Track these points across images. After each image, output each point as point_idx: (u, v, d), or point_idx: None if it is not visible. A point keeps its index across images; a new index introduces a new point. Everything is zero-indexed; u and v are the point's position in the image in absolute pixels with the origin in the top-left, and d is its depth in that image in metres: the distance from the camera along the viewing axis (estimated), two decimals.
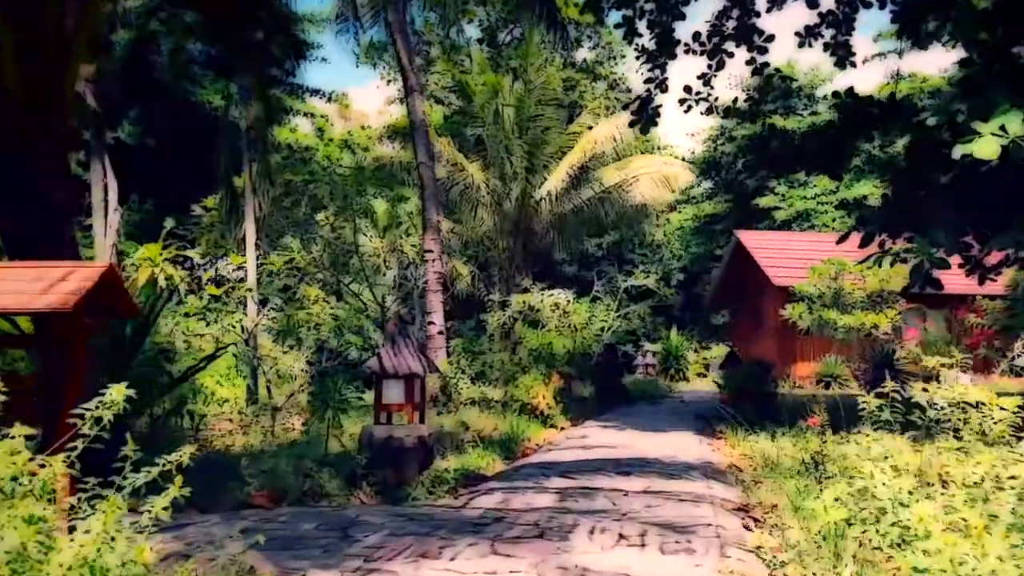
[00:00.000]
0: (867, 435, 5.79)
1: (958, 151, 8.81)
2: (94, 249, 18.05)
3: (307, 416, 14.23)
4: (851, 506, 5.03)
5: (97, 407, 4.65)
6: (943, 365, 7.46)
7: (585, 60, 46.59)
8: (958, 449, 5.54)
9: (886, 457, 5.29)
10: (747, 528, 8.09)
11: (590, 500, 9.50)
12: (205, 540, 6.89)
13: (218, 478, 10.40)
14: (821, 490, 8.51)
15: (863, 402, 6.64)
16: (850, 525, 5.02)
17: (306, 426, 13.83)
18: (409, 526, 7.77)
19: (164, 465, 4.62)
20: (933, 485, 5.22)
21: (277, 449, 11.92)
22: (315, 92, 43.01)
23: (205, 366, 14.29)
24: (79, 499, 4.50)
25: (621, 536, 7.37)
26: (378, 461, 10.58)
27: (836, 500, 5.29)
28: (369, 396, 13.69)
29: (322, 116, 45.02)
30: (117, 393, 4.67)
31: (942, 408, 5.97)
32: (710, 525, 7.94)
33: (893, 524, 4.41)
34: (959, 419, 5.82)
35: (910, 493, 4.50)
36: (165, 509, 4.41)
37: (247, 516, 8.33)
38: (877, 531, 4.57)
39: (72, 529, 4.43)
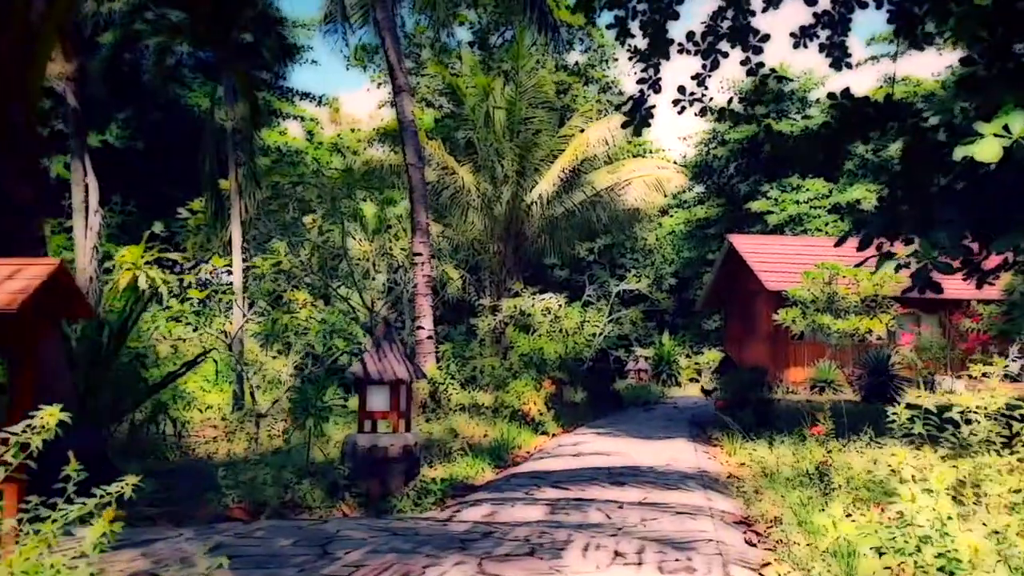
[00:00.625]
0: (894, 450, 5.29)
1: (959, 152, 8.54)
2: (74, 251, 17.64)
3: (287, 424, 13.83)
4: (879, 531, 4.55)
5: (24, 431, 4.22)
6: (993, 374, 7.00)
7: (577, 63, 46.40)
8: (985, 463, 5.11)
9: (912, 477, 4.79)
10: (750, 543, 7.69)
11: (583, 513, 9.10)
12: (174, 557, 6.48)
13: (196, 488, 10.01)
14: (827, 502, 8.16)
15: (892, 413, 6.18)
16: (881, 555, 4.51)
17: (286, 434, 13.42)
18: (392, 542, 7.35)
19: (101, 496, 4.15)
20: (965, 504, 4.79)
21: (260, 458, 11.51)
22: (305, 95, 42.85)
23: (185, 372, 13.90)
24: (20, 521, 4.10)
25: (617, 553, 6.96)
26: (362, 471, 10.17)
27: (846, 519, 4.88)
28: (355, 402, 13.29)
29: (312, 119, 44.74)
30: (50, 416, 4.23)
31: (977, 421, 5.52)
32: (711, 540, 7.55)
33: (939, 555, 3.95)
34: (990, 431, 5.39)
35: (949, 519, 4.04)
36: (95, 548, 3.96)
37: (222, 530, 7.89)
38: (916, 563, 4.10)
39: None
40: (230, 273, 20.41)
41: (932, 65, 62.85)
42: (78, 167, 17.33)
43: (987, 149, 8.19)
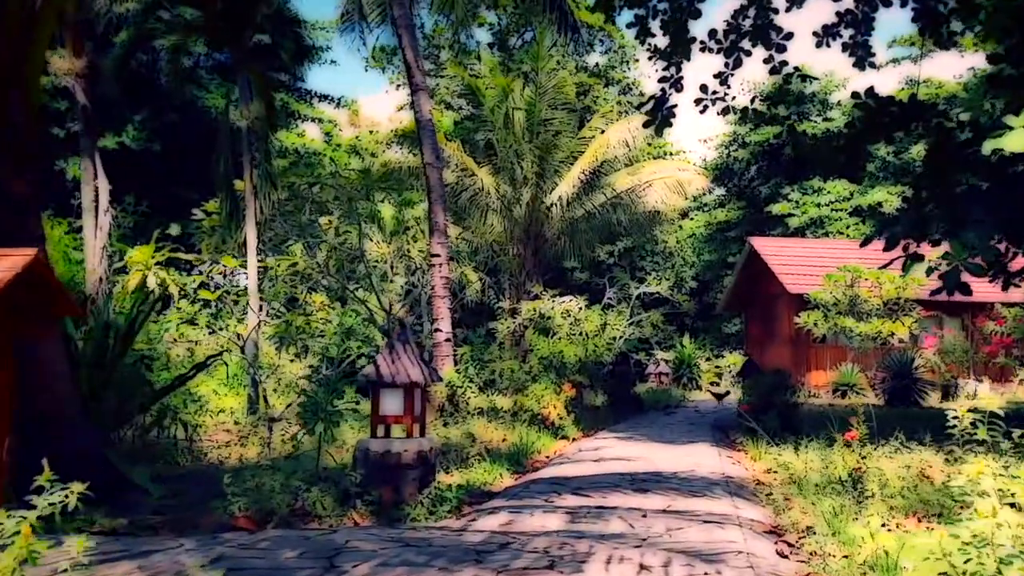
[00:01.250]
0: (979, 461, 4.79)
1: (988, 146, 8.29)
2: (84, 251, 17.40)
3: (297, 429, 13.51)
4: (948, 553, 4.11)
5: None
6: None
7: (597, 64, 46.10)
8: None
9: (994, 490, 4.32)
10: (781, 555, 7.29)
11: (605, 522, 8.71)
12: (172, 571, 6.13)
13: (206, 494, 9.68)
14: (860, 511, 7.77)
15: (953, 417, 5.75)
16: None
17: (294, 440, 13.07)
18: (404, 554, 6.97)
19: (42, 508, 3.79)
20: None
21: (271, 463, 11.16)
22: (324, 97, 42.66)
23: (195, 374, 13.58)
24: None
25: (642, 567, 6.55)
26: (374, 477, 9.79)
27: (882, 529, 4.47)
28: (368, 406, 12.94)
29: (330, 121, 44.55)
30: None
31: None
32: (741, 552, 7.14)
33: None
34: None
35: None
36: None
37: (225, 541, 7.52)
38: None
39: None
40: (246, 276, 20.18)
41: (952, 68, 62.39)
42: (88, 166, 17.09)
43: (1017, 141, 7.94)
